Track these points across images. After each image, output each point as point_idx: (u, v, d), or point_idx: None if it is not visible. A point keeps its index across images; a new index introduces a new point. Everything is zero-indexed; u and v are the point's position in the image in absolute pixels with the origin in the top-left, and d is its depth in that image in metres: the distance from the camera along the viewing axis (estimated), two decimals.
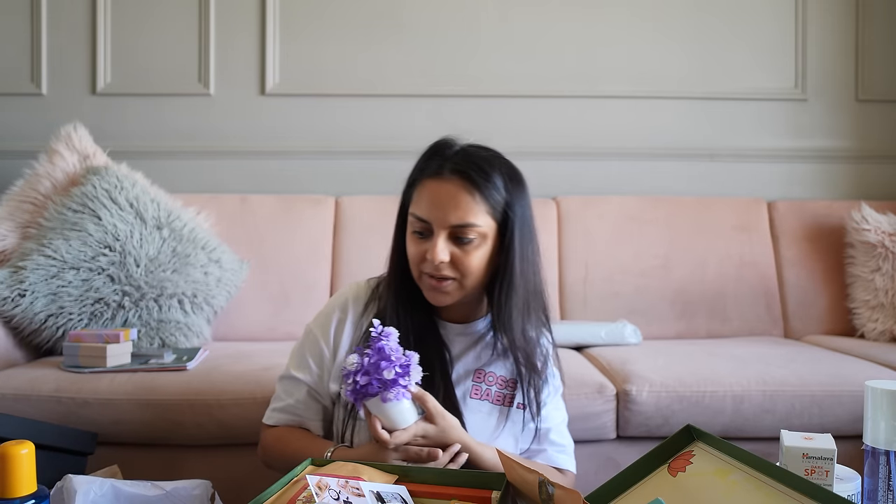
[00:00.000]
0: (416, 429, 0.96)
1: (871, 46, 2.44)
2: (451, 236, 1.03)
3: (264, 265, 2.07)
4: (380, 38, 2.39)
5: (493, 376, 1.12)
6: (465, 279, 1.04)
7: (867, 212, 2.14)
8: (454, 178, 1.03)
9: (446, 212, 1.02)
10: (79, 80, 2.37)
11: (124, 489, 0.95)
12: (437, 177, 1.04)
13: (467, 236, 1.03)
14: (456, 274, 1.04)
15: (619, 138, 2.42)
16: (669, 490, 0.82)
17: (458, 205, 1.02)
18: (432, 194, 1.03)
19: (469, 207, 1.02)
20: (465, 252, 1.03)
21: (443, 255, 1.02)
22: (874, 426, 0.89)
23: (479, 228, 1.03)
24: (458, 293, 1.06)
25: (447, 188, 1.03)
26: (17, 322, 1.76)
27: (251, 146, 2.39)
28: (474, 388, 1.11)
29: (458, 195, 1.02)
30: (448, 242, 1.03)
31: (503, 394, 1.11)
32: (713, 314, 2.14)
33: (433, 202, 1.03)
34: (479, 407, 1.10)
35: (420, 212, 1.04)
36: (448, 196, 1.02)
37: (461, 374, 1.12)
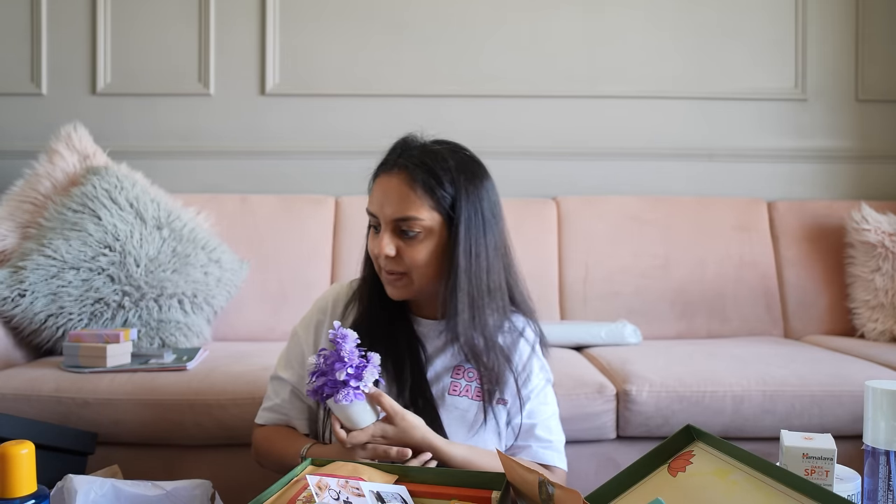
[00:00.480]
0: (373, 429, 0.97)
1: (871, 46, 2.44)
2: (397, 230, 1.05)
3: (264, 265, 2.07)
4: (380, 38, 2.39)
5: (472, 372, 1.11)
6: (412, 272, 1.05)
7: (867, 212, 2.14)
8: (400, 172, 1.05)
9: (388, 205, 1.04)
10: (79, 80, 2.37)
11: (125, 489, 0.95)
12: (385, 172, 1.07)
13: (412, 230, 1.04)
14: (403, 268, 1.05)
15: (619, 138, 2.42)
16: (669, 490, 0.82)
17: (399, 198, 1.04)
18: (379, 189, 1.07)
19: (410, 201, 1.04)
20: (409, 245, 1.05)
21: (388, 248, 1.04)
22: (874, 426, 0.89)
23: (422, 222, 1.04)
24: (410, 287, 1.07)
25: (392, 182, 1.05)
26: (17, 322, 1.76)
27: (251, 146, 2.39)
28: (453, 385, 1.11)
29: (399, 189, 1.04)
30: (394, 237, 1.05)
31: (482, 389, 1.10)
32: (713, 314, 2.14)
33: (378, 197, 1.06)
34: (457, 403, 1.10)
35: (370, 206, 1.08)
36: (391, 190, 1.05)
37: (439, 371, 1.11)
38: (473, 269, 1.05)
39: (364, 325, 1.10)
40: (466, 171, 1.08)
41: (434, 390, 1.10)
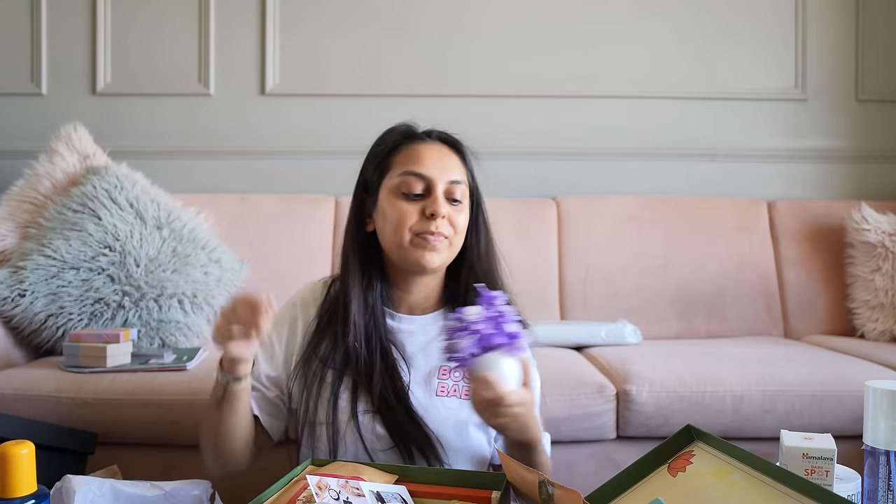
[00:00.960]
0: (522, 393, 0.90)
1: (871, 46, 2.44)
2: (445, 194, 1.07)
3: (264, 265, 2.07)
4: (380, 37, 2.39)
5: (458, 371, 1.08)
6: (455, 237, 1.08)
7: (867, 212, 2.14)
8: (441, 144, 1.11)
9: (444, 168, 1.07)
10: (79, 80, 2.37)
11: (124, 489, 0.95)
12: (423, 142, 1.10)
13: (456, 195, 1.08)
14: (449, 231, 1.06)
15: (619, 138, 2.42)
16: (669, 490, 0.82)
17: (452, 164, 1.09)
18: (427, 153, 1.08)
19: (460, 168, 1.10)
20: (456, 210, 1.08)
21: (445, 209, 1.05)
22: (874, 426, 0.89)
23: (465, 189, 1.10)
24: (447, 253, 1.08)
25: (439, 149, 1.10)
26: (17, 322, 1.76)
27: (251, 146, 2.39)
28: (440, 386, 1.08)
29: (450, 156, 1.10)
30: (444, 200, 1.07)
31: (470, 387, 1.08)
32: (713, 314, 2.14)
33: (430, 160, 1.07)
34: (447, 404, 1.07)
35: (417, 167, 1.07)
36: (442, 155, 1.09)
37: (425, 373, 1.09)
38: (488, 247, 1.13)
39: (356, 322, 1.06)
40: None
41: (420, 392, 1.07)
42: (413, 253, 1.05)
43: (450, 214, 1.06)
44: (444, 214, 1.05)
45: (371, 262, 1.11)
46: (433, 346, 1.10)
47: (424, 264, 1.05)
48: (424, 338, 1.11)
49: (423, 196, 1.06)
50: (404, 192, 1.06)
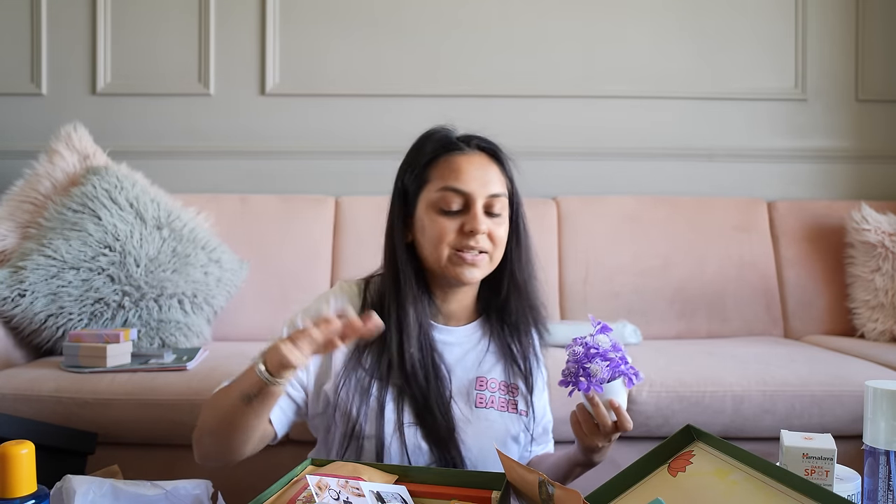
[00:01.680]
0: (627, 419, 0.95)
1: (871, 46, 2.44)
2: (485, 208, 1.04)
3: (264, 265, 2.07)
4: (380, 37, 2.39)
5: (494, 382, 1.09)
6: (495, 251, 1.05)
7: (867, 212, 2.14)
8: (480, 152, 1.06)
9: (484, 182, 1.03)
10: (79, 80, 2.37)
11: (124, 489, 0.95)
12: (462, 152, 1.05)
13: (496, 209, 1.04)
14: (490, 247, 1.04)
15: (619, 138, 2.42)
16: (669, 490, 0.82)
17: (492, 177, 1.05)
18: (466, 166, 1.04)
19: (500, 179, 1.06)
20: (496, 224, 1.05)
21: (484, 225, 1.02)
22: (874, 426, 0.89)
23: (505, 200, 1.06)
24: (487, 267, 1.06)
25: (478, 160, 1.05)
26: (17, 322, 1.76)
27: (251, 146, 2.39)
28: (479, 397, 1.07)
29: (489, 167, 1.06)
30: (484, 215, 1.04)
31: (506, 399, 1.09)
32: (713, 314, 2.14)
33: (469, 174, 1.03)
34: (485, 415, 1.06)
35: (455, 183, 1.03)
36: (482, 168, 1.05)
37: (464, 383, 1.08)
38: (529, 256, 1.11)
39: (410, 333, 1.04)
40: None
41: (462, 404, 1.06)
42: (453, 269, 1.04)
43: (490, 229, 1.03)
44: (484, 231, 1.02)
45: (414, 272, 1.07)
46: (470, 357, 1.09)
47: (465, 280, 1.04)
48: (462, 349, 1.10)
49: (462, 212, 1.03)
50: (443, 209, 1.03)
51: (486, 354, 1.10)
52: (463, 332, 1.11)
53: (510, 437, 1.08)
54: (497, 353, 1.10)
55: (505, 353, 1.10)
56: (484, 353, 1.10)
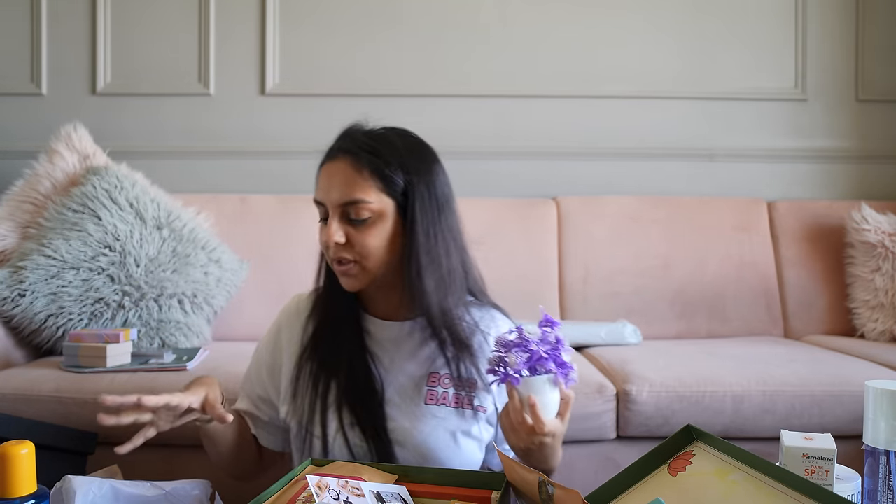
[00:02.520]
0: (556, 424, 0.91)
1: (871, 46, 2.44)
2: (345, 217, 1.00)
3: (264, 265, 2.07)
4: (380, 38, 2.39)
5: (448, 378, 1.05)
6: (365, 260, 1.01)
7: (867, 212, 2.14)
8: (345, 157, 1.02)
9: (334, 190, 1.00)
10: (79, 80, 2.37)
11: (124, 489, 0.95)
12: (329, 159, 1.04)
13: (360, 215, 0.99)
14: (355, 255, 1.00)
15: (619, 138, 2.42)
16: (669, 490, 0.82)
17: (345, 182, 1.00)
18: (324, 176, 1.03)
19: (357, 184, 1.00)
20: (359, 231, 1.00)
21: (336, 235, 0.99)
22: (874, 426, 0.89)
23: (371, 205, 0.99)
24: (364, 276, 1.02)
25: (336, 167, 1.02)
26: (17, 322, 1.75)
27: (251, 146, 2.39)
28: (429, 393, 1.05)
29: (345, 172, 1.01)
30: (342, 223, 1.00)
31: (460, 395, 1.05)
32: (713, 314, 2.14)
33: (324, 183, 1.03)
34: (435, 412, 1.04)
35: (316, 195, 1.03)
36: (336, 175, 1.01)
37: (416, 378, 1.06)
38: (436, 252, 1.02)
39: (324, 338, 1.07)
40: (415, 153, 1.05)
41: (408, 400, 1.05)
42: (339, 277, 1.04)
43: (350, 237, 1.00)
44: (338, 240, 0.99)
45: None
46: (422, 354, 1.07)
47: (345, 288, 1.04)
48: (413, 343, 1.07)
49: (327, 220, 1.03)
50: (319, 218, 1.05)
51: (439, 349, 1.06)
52: (408, 326, 1.08)
53: (461, 433, 1.04)
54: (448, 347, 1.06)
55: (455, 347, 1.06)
56: (436, 347, 1.06)
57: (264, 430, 1.15)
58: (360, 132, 1.06)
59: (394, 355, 1.07)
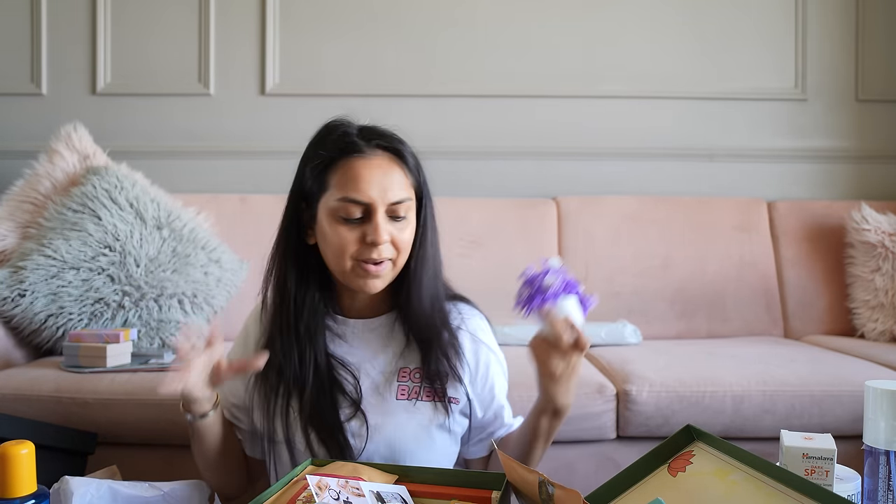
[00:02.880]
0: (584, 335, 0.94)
1: (871, 46, 2.44)
2: (387, 214, 0.99)
3: (264, 265, 2.07)
4: (380, 37, 2.39)
5: (419, 372, 1.05)
6: (399, 257, 1.01)
7: (867, 212, 2.14)
8: (381, 153, 1.00)
9: (384, 189, 0.97)
10: (79, 80, 2.37)
11: (122, 490, 0.95)
12: (362, 155, 0.99)
13: (400, 213, 0.99)
14: (393, 254, 1.00)
15: (619, 138, 2.42)
16: (669, 490, 0.82)
17: (394, 179, 0.99)
18: (366, 173, 0.97)
19: (403, 182, 1.00)
20: (399, 230, 1.00)
21: (386, 235, 0.97)
22: (874, 426, 0.89)
23: (410, 202, 1.01)
24: (391, 273, 1.01)
25: (378, 164, 0.99)
26: (17, 322, 1.75)
27: (251, 146, 2.39)
28: (400, 389, 1.04)
29: (391, 171, 0.99)
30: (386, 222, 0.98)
31: (432, 389, 1.04)
32: (713, 314, 2.14)
33: (369, 181, 0.97)
34: (407, 407, 1.03)
35: (354, 193, 0.97)
36: (383, 173, 0.98)
37: (386, 374, 1.05)
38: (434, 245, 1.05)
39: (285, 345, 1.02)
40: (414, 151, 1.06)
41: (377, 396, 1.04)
42: (356, 281, 1.00)
43: (393, 235, 0.99)
44: (387, 240, 0.97)
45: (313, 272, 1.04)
46: (391, 348, 1.06)
47: (367, 291, 1.01)
48: (381, 340, 1.07)
49: (363, 220, 0.98)
50: (344, 218, 0.98)
51: (407, 344, 1.06)
52: (376, 323, 1.08)
53: (435, 426, 1.04)
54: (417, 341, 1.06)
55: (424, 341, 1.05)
56: (404, 342, 1.06)
57: (246, 438, 1.12)
58: (372, 129, 1.03)
59: (363, 352, 1.06)
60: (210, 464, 1.05)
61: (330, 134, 1.03)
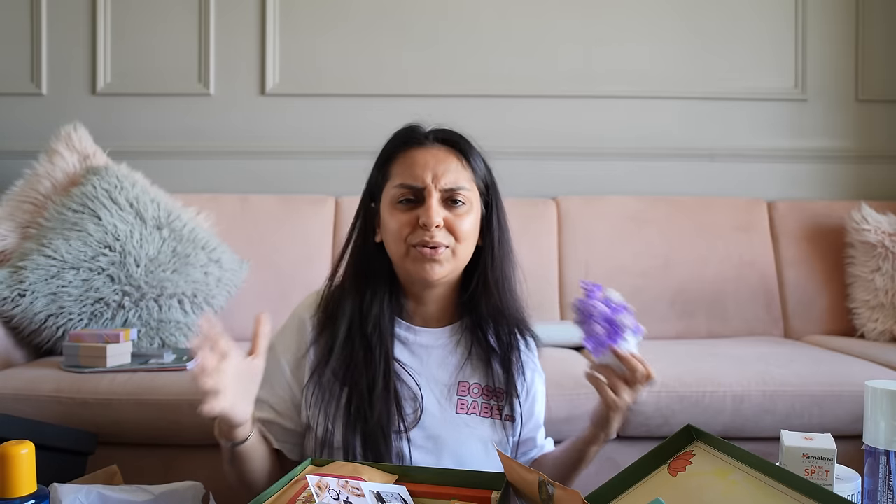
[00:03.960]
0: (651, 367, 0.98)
1: (871, 46, 2.44)
2: (443, 200, 1.01)
3: (264, 265, 2.07)
4: (380, 37, 2.39)
5: (477, 387, 1.05)
6: (458, 245, 1.01)
7: (867, 212, 2.14)
8: (440, 145, 1.04)
9: (439, 174, 1.00)
10: (79, 80, 2.37)
11: (112, 496, 0.94)
12: (420, 146, 1.04)
13: (462, 199, 1.01)
14: (449, 241, 1.00)
15: (619, 138, 2.42)
16: (669, 490, 0.82)
17: (449, 168, 1.02)
18: (421, 159, 1.02)
19: (459, 171, 1.03)
20: (457, 216, 1.01)
21: (438, 217, 0.98)
22: (874, 426, 0.89)
23: (469, 193, 1.02)
24: (451, 263, 1.01)
25: (435, 153, 1.03)
26: (17, 322, 1.75)
27: (251, 146, 2.39)
28: (460, 403, 1.04)
29: (447, 159, 1.03)
30: (441, 207, 1.00)
31: (489, 405, 1.05)
32: (713, 314, 2.14)
33: (424, 166, 1.01)
34: (467, 422, 1.03)
35: (409, 179, 1.01)
36: (438, 160, 1.02)
37: (445, 387, 1.05)
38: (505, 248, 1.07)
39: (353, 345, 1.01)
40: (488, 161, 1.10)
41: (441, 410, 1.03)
42: (414, 266, 1.00)
43: (448, 220, 0.99)
44: (439, 223, 0.98)
45: (381, 273, 1.05)
46: (451, 361, 1.06)
47: (426, 277, 1.00)
48: (442, 352, 1.06)
49: (419, 203, 1.00)
50: (400, 202, 1.01)
51: (468, 358, 1.06)
52: (442, 333, 1.07)
53: (491, 442, 1.04)
54: (478, 356, 1.06)
55: (486, 357, 1.06)
56: (466, 356, 1.06)
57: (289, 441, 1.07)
58: (437, 128, 1.07)
59: (426, 362, 1.06)
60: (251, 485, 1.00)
61: (396, 134, 1.08)
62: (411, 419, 1.01)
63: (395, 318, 1.06)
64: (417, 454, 1.01)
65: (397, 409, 1.00)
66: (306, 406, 1.03)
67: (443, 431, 1.02)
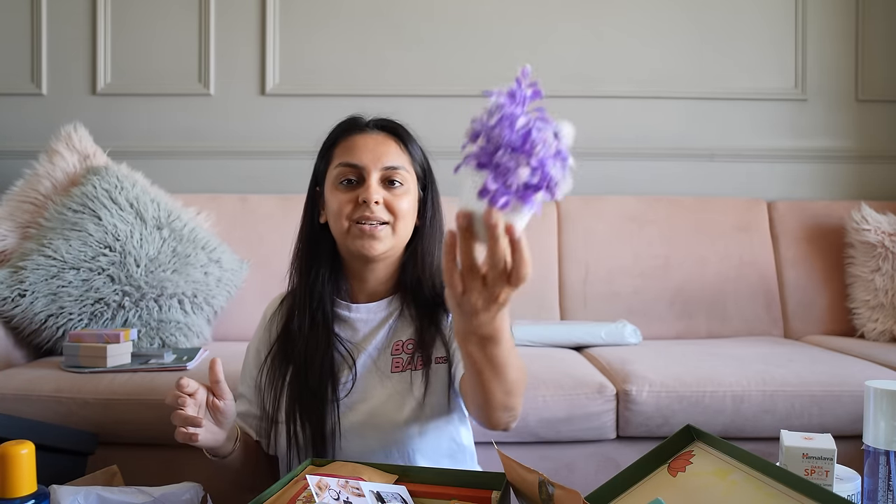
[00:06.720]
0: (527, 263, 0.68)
1: (871, 46, 2.44)
2: (382, 180, 1.07)
3: (264, 265, 2.07)
4: (380, 37, 2.39)
5: (411, 343, 1.09)
6: (397, 222, 1.07)
7: (867, 212, 2.14)
8: (380, 131, 1.12)
9: (378, 155, 1.07)
10: (79, 80, 2.37)
11: (110, 497, 0.94)
12: (362, 132, 1.11)
13: (396, 180, 1.07)
14: (389, 218, 1.06)
15: (619, 138, 2.42)
16: (669, 490, 0.82)
17: (388, 151, 1.09)
18: (361, 143, 1.09)
19: (398, 154, 1.09)
20: (395, 196, 1.07)
21: (377, 195, 1.05)
22: (874, 426, 0.89)
23: (406, 174, 1.09)
24: (391, 239, 1.07)
25: (375, 137, 1.10)
26: (17, 322, 1.76)
27: (251, 146, 2.39)
28: (395, 362, 1.08)
29: (386, 143, 1.10)
30: (380, 186, 1.06)
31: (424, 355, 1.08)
32: (713, 314, 2.14)
33: (364, 148, 1.08)
34: (402, 378, 1.07)
35: (351, 158, 1.08)
36: (377, 143, 1.09)
37: (380, 349, 1.10)
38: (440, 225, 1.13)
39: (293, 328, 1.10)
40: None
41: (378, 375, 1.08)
42: (355, 242, 1.06)
43: (387, 199, 1.06)
44: (378, 200, 1.04)
45: (325, 253, 1.12)
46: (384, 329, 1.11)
47: (366, 252, 1.06)
48: (379, 320, 1.11)
49: (359, 184, 1.07)
50: (342, 182, 1.08)
51: (399, 320, 1.11)
52: (378, 307, 1.12)
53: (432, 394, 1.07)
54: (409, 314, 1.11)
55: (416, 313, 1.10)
56: (397, 320, 1.11)
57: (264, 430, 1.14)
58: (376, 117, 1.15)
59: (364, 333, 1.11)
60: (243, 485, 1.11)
61: (340, 122, 1.16)
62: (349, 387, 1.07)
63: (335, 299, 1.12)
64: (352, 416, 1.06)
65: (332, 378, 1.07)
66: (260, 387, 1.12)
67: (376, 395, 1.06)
